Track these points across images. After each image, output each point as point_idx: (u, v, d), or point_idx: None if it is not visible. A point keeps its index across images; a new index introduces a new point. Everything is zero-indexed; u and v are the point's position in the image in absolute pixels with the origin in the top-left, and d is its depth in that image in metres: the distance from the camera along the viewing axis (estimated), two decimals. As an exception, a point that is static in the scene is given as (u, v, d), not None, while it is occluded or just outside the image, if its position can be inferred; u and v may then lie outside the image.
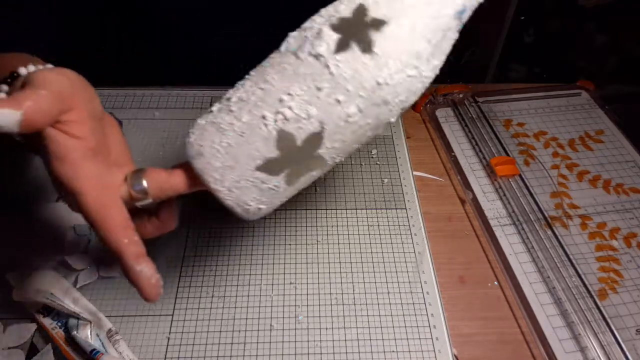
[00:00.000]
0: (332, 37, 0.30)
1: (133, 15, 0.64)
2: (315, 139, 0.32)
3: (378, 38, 0.30)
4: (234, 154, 0.31)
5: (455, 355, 0.43)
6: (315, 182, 0.56)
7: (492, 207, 0.54)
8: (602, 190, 0.56)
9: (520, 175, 0.56)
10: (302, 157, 0.32)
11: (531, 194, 0.54)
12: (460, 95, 0.66)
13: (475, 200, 0.55)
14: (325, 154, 0.33)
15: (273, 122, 0.31)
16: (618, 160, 0.59)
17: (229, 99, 0.32)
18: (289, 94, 0.31)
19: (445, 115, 0.64)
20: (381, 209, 0.53)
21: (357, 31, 0.30)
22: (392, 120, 0.33)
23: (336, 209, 0.53)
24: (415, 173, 0.57)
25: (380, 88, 0.31)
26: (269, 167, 0.32)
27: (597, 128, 0.63)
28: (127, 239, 0.30)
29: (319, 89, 0.31)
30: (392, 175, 0.57)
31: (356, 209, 0.53)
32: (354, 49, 0.30)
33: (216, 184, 0.32)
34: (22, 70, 0.32)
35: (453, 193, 0.56)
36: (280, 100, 0.31)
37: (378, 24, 0.30)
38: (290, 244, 0.50)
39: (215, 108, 0.33)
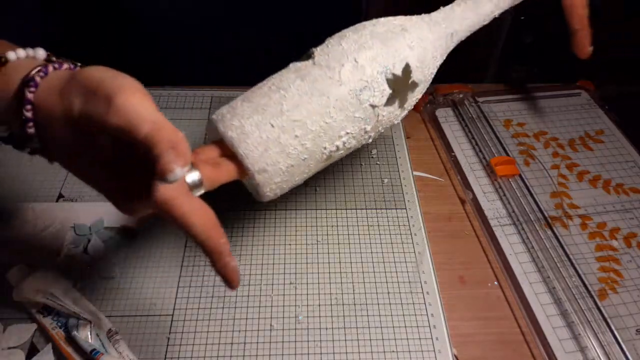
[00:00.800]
0: (387, 92, 0.38)
1: (133, 15, 0.64)
2: (342, 155, 0.41)
3: (410, 97, 0.41)
4: (292, 172, 0.37)
5: (455, 355, 0.43)
6: (315, 182, 0.56)
7: (492, 207, 0.54)
8: (602, 190, 0.56)
9: (520, 175, 0.56)
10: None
11: (531, 194, 0.54)
12: (460, 95, 0.66)
13: (475, 200, 0.55)
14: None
15: (328, 152, 0.38)
16: (618, 160, 0.59)
17: (294, 120, 0.35)
18: (346, 132, 0.38)
19: (445, 115, 0.64)
20: (381, 209, 0.53)
21: (401, 91, 0.39)
22: None
23: (336, 209, 0.53)
24: (415, 173, 0.57)
25: (398, 123, 0.44)
26: (310, 175, 0.40)
27: (597, 128, 0.63)
28: (223, 238, 0.30)
29: (365, 131, 0.39)
30: (392, 175, 0.57)
31: (356, 209, 0.53)
32: (396, 105, 0.40)
33: (270, 192, 0.37)
34: (12, 55, 0.30)
35: (453, 193, 0.56)
36: (339, 137, 0.38)
37: (414, 86, 0.40)
38: (290, 244, 0.50)
39: (276, 123, 0.35)
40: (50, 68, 0.30)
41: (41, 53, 0.31)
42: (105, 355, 0.39)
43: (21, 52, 0.30)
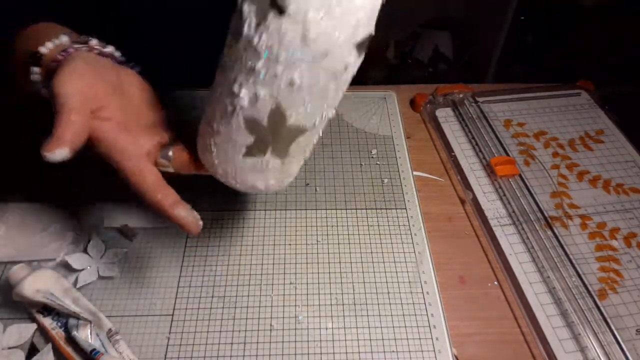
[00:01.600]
0: (252, 12, 0.29)
1: (133, 15, 0.64)
2: (277, 114, 0.32)
3: None
4: (222, 150, 0.36)
5: (455, 355, 0.43)
6: (315, 182, 0.56)
7: (492, 207, 0.54)
8: (602, 190, 0.56)
9: (520, 175, 0.56)
10: (276, 132, 0.34)
11: (531, 194, 0.54)
12: (460, 95, 0.66)
13: (475, 200, 0.55)
14: (298, 122, 0.33)
15: (235, 113, 0.33)
16: (618, 160, 0.59)
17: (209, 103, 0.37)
18: (236, 83, 0.31)
19: (445, 115, 0.64)
20: (381, 209, 0.53)
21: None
22: (349, 60, 0.31)
23: (336, 209, 0.53)
24: (415, 173, 0.57)
25: (307, 44, 0.29)
26: (252, 151, 0.35)
27: (597, 128, 0.63)
28: (160, 194, 0.36)
29: (255, 69, 0.30)
30: (392, 175, 0.57)
31: (356, 209, 0.53)
32: (271, 17, 0.29)
33: (222, 177, 0.38)
34: (43, 49, 0.36)
35: (453, 193, 0.56)
36: (232, 93, 0.32)
37: None
38: (290, 244, 0.50)
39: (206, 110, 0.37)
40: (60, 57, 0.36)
41: (65, 39, 0.38)
42: (105, 355, 0.39)
43: (49, 45, 0.37)
